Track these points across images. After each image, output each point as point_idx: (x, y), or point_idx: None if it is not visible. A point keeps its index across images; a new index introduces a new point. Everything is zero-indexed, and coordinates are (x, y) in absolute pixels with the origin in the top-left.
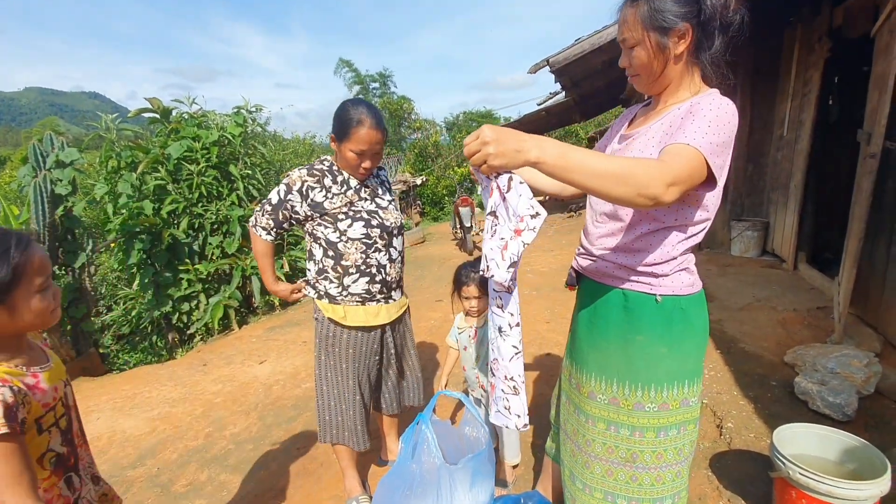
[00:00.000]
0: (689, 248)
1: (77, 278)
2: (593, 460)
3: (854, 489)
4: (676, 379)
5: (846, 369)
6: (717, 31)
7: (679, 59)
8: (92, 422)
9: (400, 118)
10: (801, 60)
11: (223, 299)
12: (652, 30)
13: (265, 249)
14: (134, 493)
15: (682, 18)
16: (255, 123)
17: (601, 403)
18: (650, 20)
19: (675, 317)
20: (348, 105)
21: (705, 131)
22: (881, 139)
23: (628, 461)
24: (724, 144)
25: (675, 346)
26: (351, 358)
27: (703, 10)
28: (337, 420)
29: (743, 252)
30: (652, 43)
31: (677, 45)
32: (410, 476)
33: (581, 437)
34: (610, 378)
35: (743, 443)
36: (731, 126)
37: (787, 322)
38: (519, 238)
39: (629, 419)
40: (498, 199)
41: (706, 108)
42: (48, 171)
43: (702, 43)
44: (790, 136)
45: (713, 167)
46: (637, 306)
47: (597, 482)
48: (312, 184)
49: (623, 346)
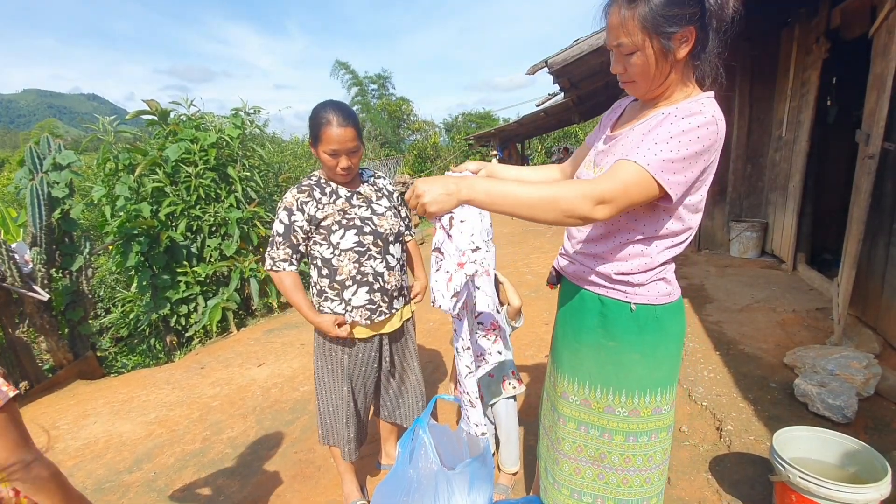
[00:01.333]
0: (668, 258)
1: (75, 281)
2: (563, 458)
3: (854, 493)
4: (649, 386)
5: (846, 371)
6: (715, 31)
7: (679, 64)
8: (89, 425)
9: (399, 119)
10: (799, 61)
11: (221, 302)
12: (655, 34)
13: (293, 282)
14: (130, 497)
15: (688, 21)
16: (253, 125)
17: (573, 404)
18: (653, 23)
19: (649, 326)
20: (317, 108)
21: (661, 147)
22: (880, 140)
23: (596, 459)
24: (687, 159)
25: (648, 354)
26: (346, 364)
27: (706, 10)
28: (334, 426)
29: (742, 253)
30: (654, 48)
31: (679, 49)
32: (408, 481)
33: (554, 434)
34: (582, 380)
35: (743, 445)
36: (703, 139)
37: (786, 323)
38: (462, 270)
39: (599, 420)
40: (442, 236)
41: (674, 121)
42: (45, 174)
43: (702, 44)
44: (789, 137)
45: (666, 184)
46: (612, 312)
47: (565, 479)
48: (304, 199)
49: (596, 349)
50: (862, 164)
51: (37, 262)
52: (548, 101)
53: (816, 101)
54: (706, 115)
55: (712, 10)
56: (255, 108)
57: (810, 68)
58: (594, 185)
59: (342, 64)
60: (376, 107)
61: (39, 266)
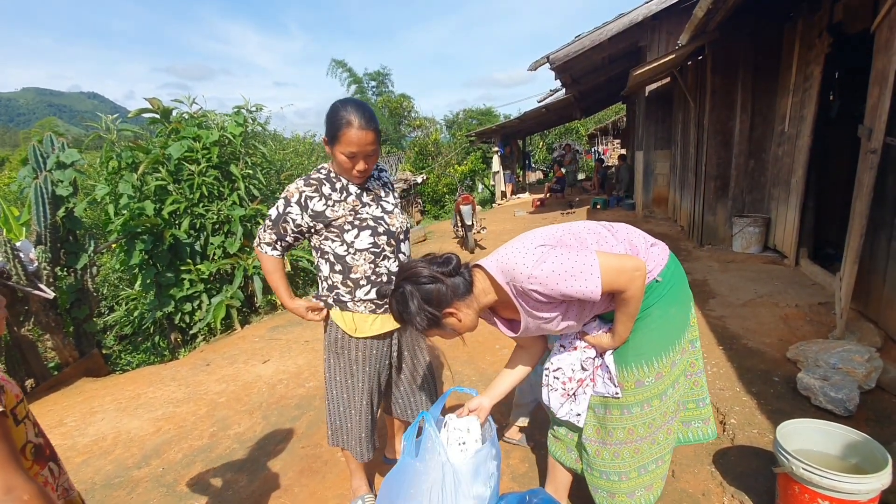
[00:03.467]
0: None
1: (79, 279)
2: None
3: (856, 483)
4: (676, 339)
5: (848, 364)
6: (452, 279)
7: (467, 315)
8: (96, 422)
9: (400, 116)
10: (801, 56)
11: (225, 299)
12: (434, 330)
13: (273, 266)
14: (139, 493)
15: (438, 321)
16: (255, 123)
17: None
18: (426, 328)
19: (668, 281)
20: (338, 105)
21: (572, 284)
22: (882, 135)
23: (624, 442)
24: (561, 255)
25: (679, 301)
26: (361, 361)
27: (436, 317)
28: (346, 426)
29: (744, 248)
30: (442, 331)
31: (457, 320)
32: (414, 473)
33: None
34: (619, 365)
35: (746, 439)
36: (547, 260)
37: (788, 318)
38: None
39: (626, 399)
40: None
41: (546, 285)
42: (49, 173)
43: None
44: (791, 132)
45: (582, 253)
46: (648, 292)
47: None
48: (310, 193)
49: (640, 323)
50: (864, 158)
51: (42, 261)
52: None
53: (819, 95)
54: (528, 278)
55: (437, 316)
56: (257, 105)
57: (813, 63)
58: (626, 290)
59: (339, 62)
60: (377, 103)
61: (44, 264)
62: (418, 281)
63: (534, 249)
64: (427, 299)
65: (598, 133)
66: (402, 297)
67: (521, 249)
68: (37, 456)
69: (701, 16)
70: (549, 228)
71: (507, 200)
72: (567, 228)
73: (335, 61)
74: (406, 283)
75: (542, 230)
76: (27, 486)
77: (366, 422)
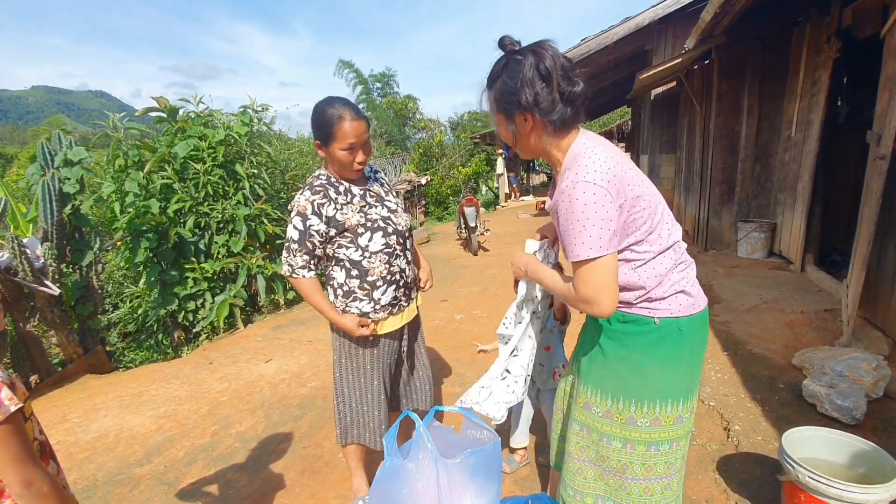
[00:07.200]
0: (675, 268)
1: (84, 276)
2: (586, 464)
3: (864, 493)
4: (671, 396)
5: (855, 372)
6: (560, 106)
7: (534, 132)
8: (99, 419)
9: (405, 117)
10: (809, 61)
11: (229, 298)
12: (499, 112)
13: (313, 287)
14: (141, 490)
15: (516, 108)
16: (260, 123)
17: (595, 415)
18: (496, 107)
19: (671, 337)
20: (322, 107)
21: (577, 236)
22: (891, 141)
23: (618, 471)
24: (599, 224)
25: (669, 364)
26: (375, 359)
27: (522, 102)
28: (359, 421)
29: (750, 253)
30: (504, 124)
31: (524, 125)
32: (407, 473)
33: (575, 441)
34: (605, 392)
35: (751, 445)
36: (595, 205)
37: (794, 324)
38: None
39: (622, 432)
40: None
41: (566, 212)
42: (56, 170)
43: (546, 119)
44: (798, 137)
45: (611, 247)
46: (633, 327)
47: (587, 486)
48: (320, 200)
49: (618, 361)
50: (873, 164)
51: (48, 258)
52: None
53: (827, 100)
54: (576, 187)
55: (529, 102)
56: (262, 105)
57: (821, 68)
58: (576, 293)
59: (346, 63)
60: (382, 105)
61: (50, 261)
62: (544, 63)
63: (605, 180)
64: (532, 82)
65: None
66: (518, 62)
67: (600, 169)
68: (41, 453)
69: (708, 20)
70: (651, 187)
71: (510, 203)
72: (660, 204)
73: (342, 62)
74: (534, 55)
75: (645, 180)
76: (46, 479)
77: (384, 413)
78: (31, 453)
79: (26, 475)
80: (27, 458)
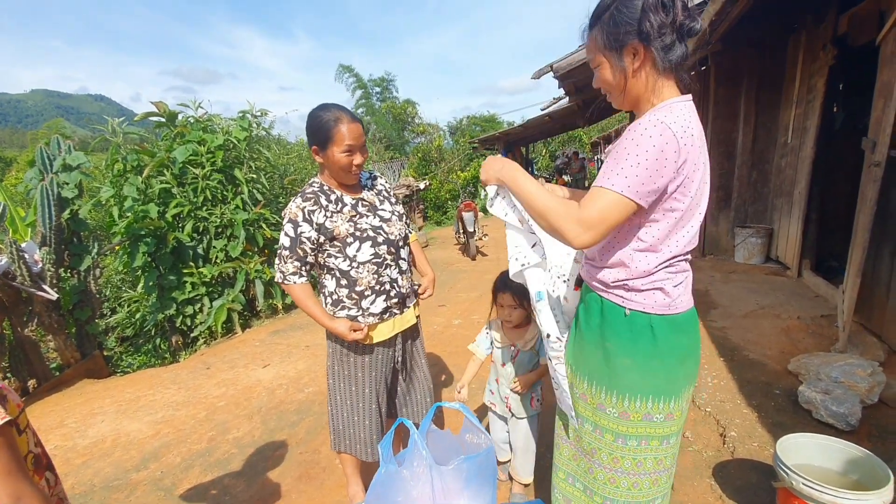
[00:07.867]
0: (663, 266)
1: (82, 281)
2: (561, 442)
3: (856, 500)
4: (640, 392)
5: (850, 378)
6: (676, 42)
7: (637, 74)
8: (96, 424)
9: (404, 122)
10: (805, 68)
11: (227, 303)
12: (607, 51)
13: (304, 293)
14: (137, 496)
15: (633, 37)
16: (259, 127)
17: (574, 396)
18: (604, 42)
19: (643, 334)
20: (317, 112)
21: (621, 165)
22: (886, 148)
23: (588, 453)
24: (650, 170)
25: (640, 361)
26: (367, 367)
27: (642, 30)
28: (349, 431)
29: (747, 259)
30: (610, 63)
31: (633, 63)
32: (402, 480)
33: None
34: (583, 375)
35: (746, 452)
36: (659, 148)
37: (790, 330)
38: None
39: (593, 416)
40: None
41: (628, 135)
42: (55, 175)
43: (661, 55)
44: (794, 143)
45: (634, 196)
46: (609, 315)
47: (561, 462)
48: (311, 207)
49: (595, 347)
50: (868, 171)
51: (46, 262)
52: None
53: (823, 107)
54: (653, 122)
55: (651, 27)
56: (261, 110)
57: (817, 75)
58: (577, 214)
59: (346, 67)
60: (381, 109)
61: (48, 266)
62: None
63: (686, 134)
64: (655, 7)
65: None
66: None
67: (686, 125)
68: (36, 466)
69: (705, 27)
70: (705, 191)
71: None
72: (698, 211)
73: (343, 66)
74: None
75: (706, 179)
76: (36, 494)
77: (375, 424)
78: (21, 468)
79: (15, 489)
80: (17, 472)
